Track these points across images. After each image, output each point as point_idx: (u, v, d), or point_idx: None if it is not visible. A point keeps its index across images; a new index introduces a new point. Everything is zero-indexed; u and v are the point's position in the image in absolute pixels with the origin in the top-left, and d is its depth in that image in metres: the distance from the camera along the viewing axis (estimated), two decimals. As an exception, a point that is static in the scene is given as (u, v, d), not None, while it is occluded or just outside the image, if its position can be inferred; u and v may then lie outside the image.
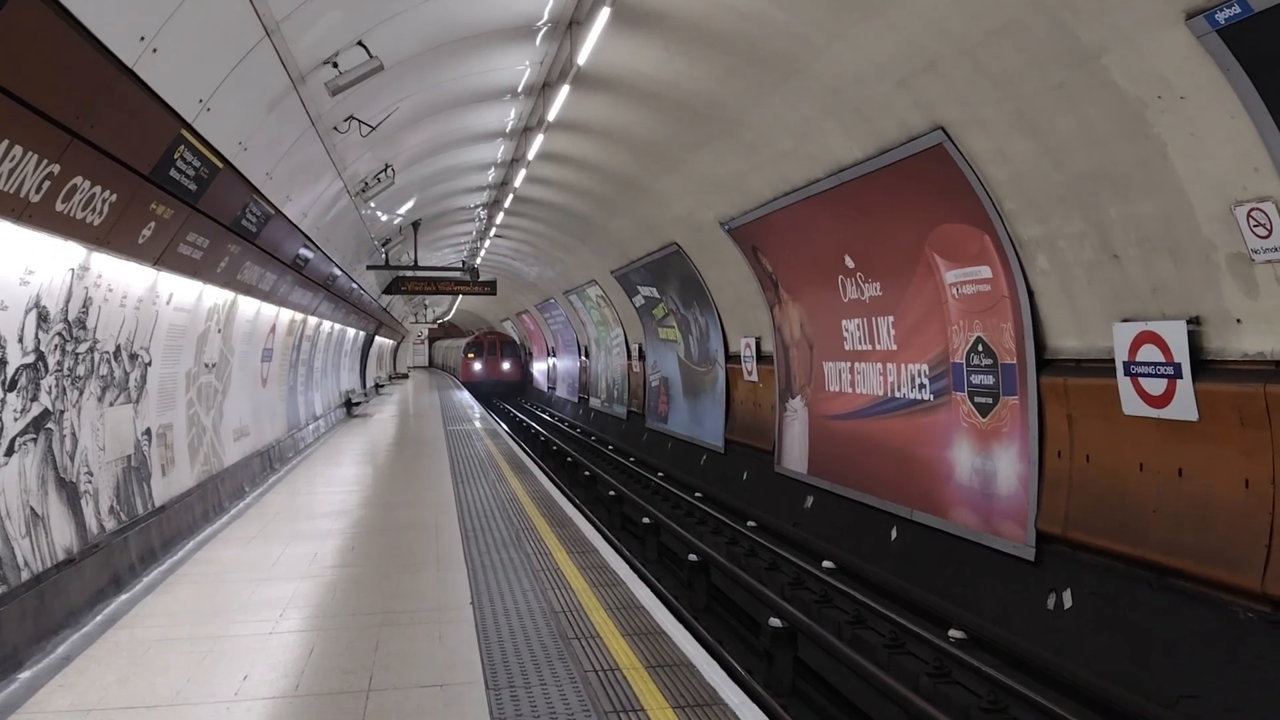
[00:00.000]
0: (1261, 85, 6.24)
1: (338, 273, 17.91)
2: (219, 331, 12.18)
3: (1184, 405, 7.75)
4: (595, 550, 9.61)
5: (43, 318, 6.92)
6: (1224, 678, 7.28)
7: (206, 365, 11.82)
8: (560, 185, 20.75)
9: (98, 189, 6.46)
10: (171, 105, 6.81)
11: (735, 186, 14.94)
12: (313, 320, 20.43)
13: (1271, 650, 6.93)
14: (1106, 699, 7.95)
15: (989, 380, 10.32)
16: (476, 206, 24.64)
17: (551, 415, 43.43)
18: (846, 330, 13.65)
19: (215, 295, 11.52)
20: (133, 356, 9.04)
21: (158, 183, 7.33)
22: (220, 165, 8.39)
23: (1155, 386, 8.00)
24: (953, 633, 9.85)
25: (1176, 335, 7.75)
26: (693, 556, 13.38)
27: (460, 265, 29.12)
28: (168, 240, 8.38)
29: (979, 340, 10.42)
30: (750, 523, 16.05)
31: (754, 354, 17.80)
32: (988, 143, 9.23)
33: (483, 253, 34.29)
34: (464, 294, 28.07)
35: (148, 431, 9.63)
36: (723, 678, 6.00)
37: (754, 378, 17.91)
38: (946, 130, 9.63)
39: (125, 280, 8.39)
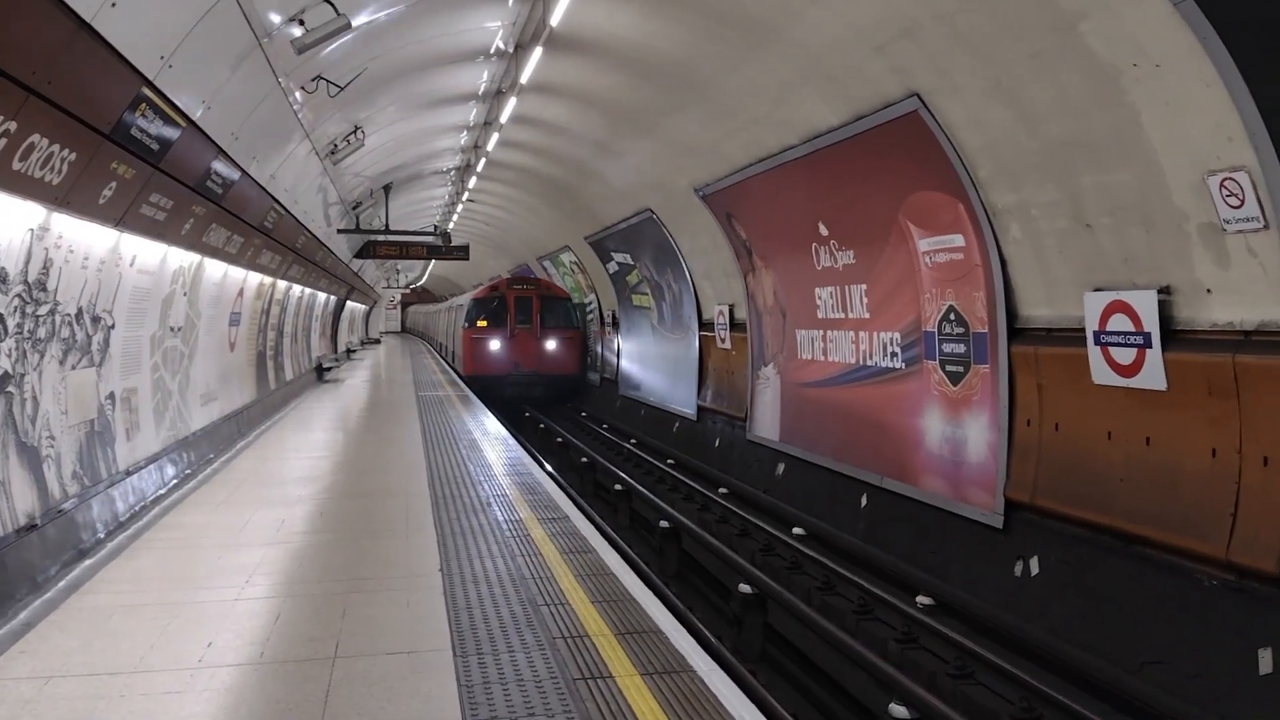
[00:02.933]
0: (1237, 54, 6.21)
1: (307, 236, 17.68)
2: (185, 295, 12.00)
3: (1153, 375, 7.78)
4: (566, 517, 9.59)
5: (1, 279, 6.76)
6: (1188, 644, 7.36)
7: (172, 329, 11.65)
8: (534, 149, 20.55)
9: (56, 147, 6.30)
10: (132, 62, 6.64)
11: (710, 152, 14.84)
12: (282, 284, 20.20)
13: (1235, 617, 7.01)
14: (1072, 665, 8.03)
15: (960, 349, 10.33)
16: (449, 170, 24.39)
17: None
18: (819, 298, 13.63)
19: (180, 257, 11.33)
20: (95, 319, 8.88)
21: (119, 141, 7.16)
22: (184, 124, 8.21)
23: (1125, 356, 8.03)
24: (921, 599, 9.92)
25: (1147, 305, 7.77)
26: (664, 523, 13.40)
27: (433, 230, 28.85)
28: (129, 201, 8.21)
29: (951, 309, 10.42)
30: (722, 490, 16.09)
31: (727, 321, 17.76)
32: (963, 110, 9.18)
33: (455, 217, 34.03)
34: (437, 259, 27.85)
35: (111, 395, 9.49)
36: (691, 644, 5.99)
37: (727, 345, 17.89)
38: (922, 97, 9.56)
39: (87, 241, 8.21)
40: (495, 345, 29.52)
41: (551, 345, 29.74)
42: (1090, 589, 8.40)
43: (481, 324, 29.75)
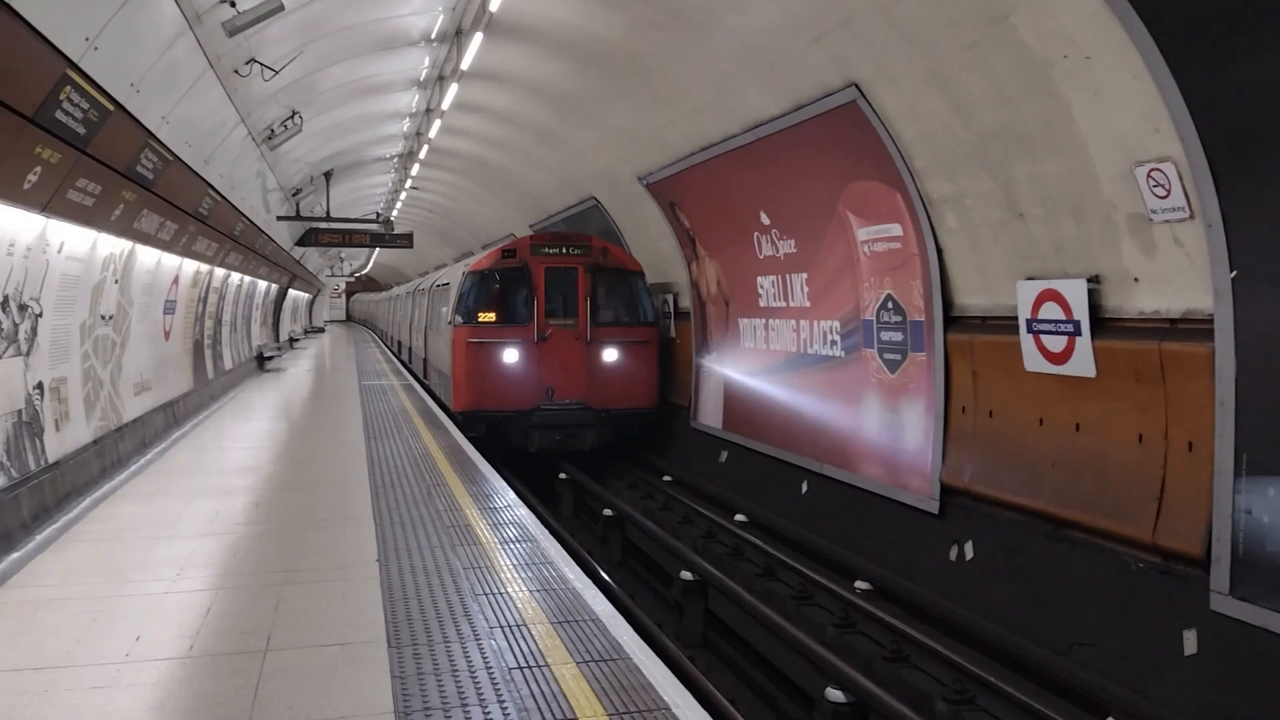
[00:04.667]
0: (1164, 46, 6.32)
1: (245, 223, 17.39)
2: (116, 282, 11.74)
3: (1082, 362, 7.92)
4: (509, 506, 9.55)
5: (-82, 266, 6.55)
6: (1116, 626, 7.52)
7: (103, 317, 11.40)
8: (478, 137, 20.38)
9: (-26, 130, 6.12)
10: (55, 43, 6.47)
11: (653, 141, 14.82)
12: (220, 271, 19.86)
13: (1161, 599, 7.17)
14: (1004, 647, 8.17)
15: (898, 337, 10.44)
16: (392, 157, 24.11)
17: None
18: (762, 287, 13.69)
19: (111, 244, 11.09)
20: (22, 307, 8.66)
21: (43, 125, 6.98)
22: (111, 108, 8.02)
23: (1056, 344, 8.16)
24: (859, 584, 10.03)
25: (1077, 293, 7.90)
26: (608, 511, 13.41)
27: (376, 217, 28.50)
28: (56, 186, 8.01)
29: (889, 297, 10.52)
30: (667, 477, 16.13)
31: (672, 310, 17.79)
32: (900, 100, 9.25)
33: (399, 205, 33.66)
34: (380, 247, 27.54)
35: (39, 385, 9.27)
36: (629, 632, 6.01)
37: (671, 334, 17.92)
38: (860, 87, 9.63)
39: (12, 227, 8.00)
40: (512, 358, 16.14)
41: (612, 357, 16.51)
42: (1022, 572, 8.55)
43: (486, 318, 16.40)
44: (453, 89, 15.22)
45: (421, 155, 22.49)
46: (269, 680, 5.23)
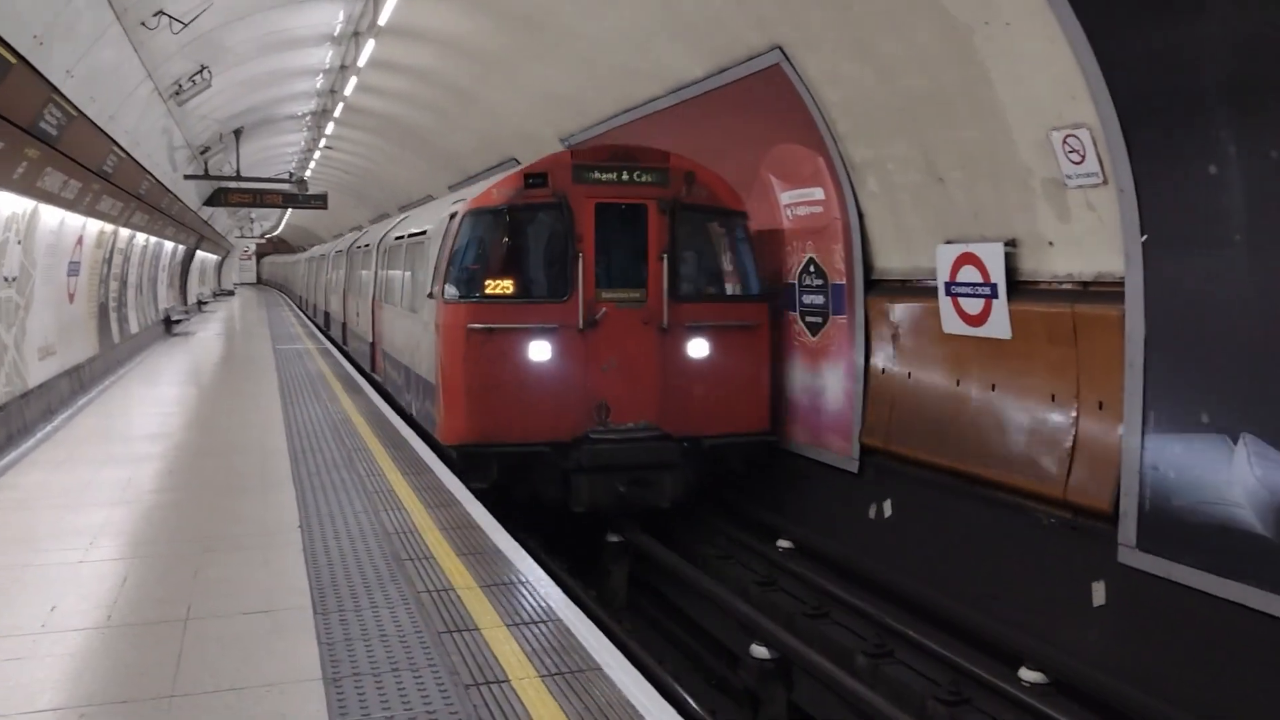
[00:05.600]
0: (1081, 13, 6.44)
1: (151, 181, 16.81)
2: (19, 243, 11.28)
3: (999, 324, 8.10)
4: (430, 470, 9.47)
5: None
6: (1029, 580, 7.77)
7: (6, 279, 10.95)
8: (396, 96, 19.97)
9: None
10: (-51, -10, 6.14)
11: (576, 102, 14.68)
12: (125, 232, 19.20)
13: (1072, 553, 7.43)
14: (923, 602, 8.39)
15: (819, 300, 10.55)
16: (305, 115, 23.51)
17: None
18: (684, 249, 13.56)
19: (14, 203, 10.64)
20: (-84, 269, 8.26)
21: (-64, 77, 6.63)
22: (13, 60, 7.66)
23: (973, 306, 8.34)
24: (781, 543, 10.19)
25: (994, 257, 8.07)
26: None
27: (288, 177, 27.78)
28: (-48, 141, 7.63)
29: (811, 261, 10.62)
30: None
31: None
32: (823, 64, 9.29)
33: (313, 164, 32.88)
34: (293, 208, 26.88)
35: (-63, 350, 8.87)
36: (558, 594, 6.02)
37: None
38: (784, 50, 9.64)
39: (-97, 184, 7.62)
40: (542, 356, 10.06)
41: (702, 351, 10.53)
42: (939, 529, 8.77)
43: (498, 289, 10.22)
44: (369, 45, 14.87)
45: (337, 113, 21.99)
46: (191, 649, 5.13)
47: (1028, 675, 6.87)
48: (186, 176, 21.31)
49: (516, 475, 9.93)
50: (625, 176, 10.13)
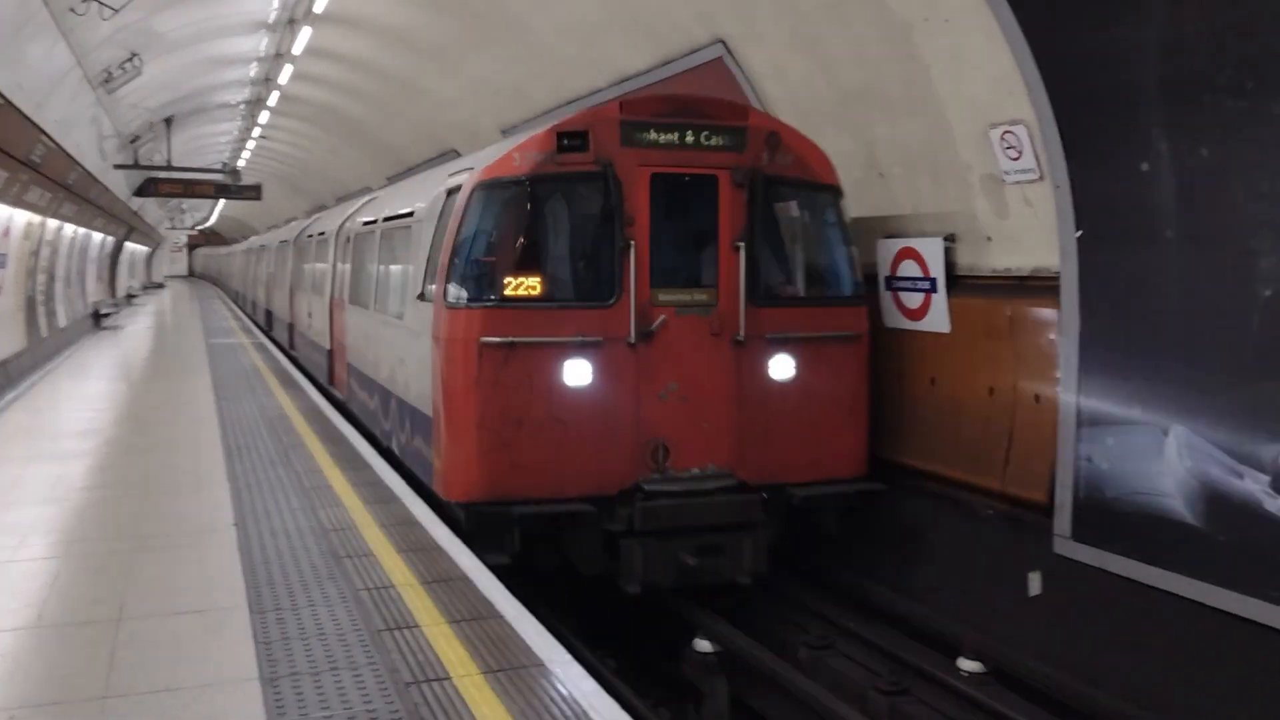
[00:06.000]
0: (1019, 10, 6.52)
1: (80, 171, 16.38)
2: (-62, 233, 10.91)
3: (938, 318, 8.20)
4: (369, 466, 9.34)
5: None
6: (966, 570, 7.87)
7: (-76, 270, 10.60)
8: (332, 85, 19.67)
9: None
10: None
11: (518, 92, 14.57)
12: (53, 223, 18.70)
13: (1009, 544, 7.54)
14: (864, 596, 8.45)
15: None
16: (238, 104, 23.08)
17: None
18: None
19: (-69, 192, 10.29)
20: None
21: None
22: (-69, 43, 7.40)
23: (913, 300, 8.42)
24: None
25: (934, 252, 8.16)
26: None
27: (221, 167, 27.26)
28: None
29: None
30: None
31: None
32: (766, 58, 9.32)
33: (247, 154, 32.29)
34: (226, 198, 26.38)
35: None
36: (500, 590, 5.96)
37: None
38: (727, 44, 9.65)
39: None
40: (581, 379, 7.52)
41: (787, 371, 7.99)
42: (882, 524, 8.84)
43: (522, 288, 7.56)
44: (305, 32, 14.62)
45: (271, 102, 21.62)
46: (124, 649, 4.99)
47: (966, 665, 6.95)
48: (116, 166, 20.82)
49: (541, 541, 7.51)
50: (691, 138, 7.64)
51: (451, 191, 8.25)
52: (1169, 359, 6.20)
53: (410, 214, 9.66)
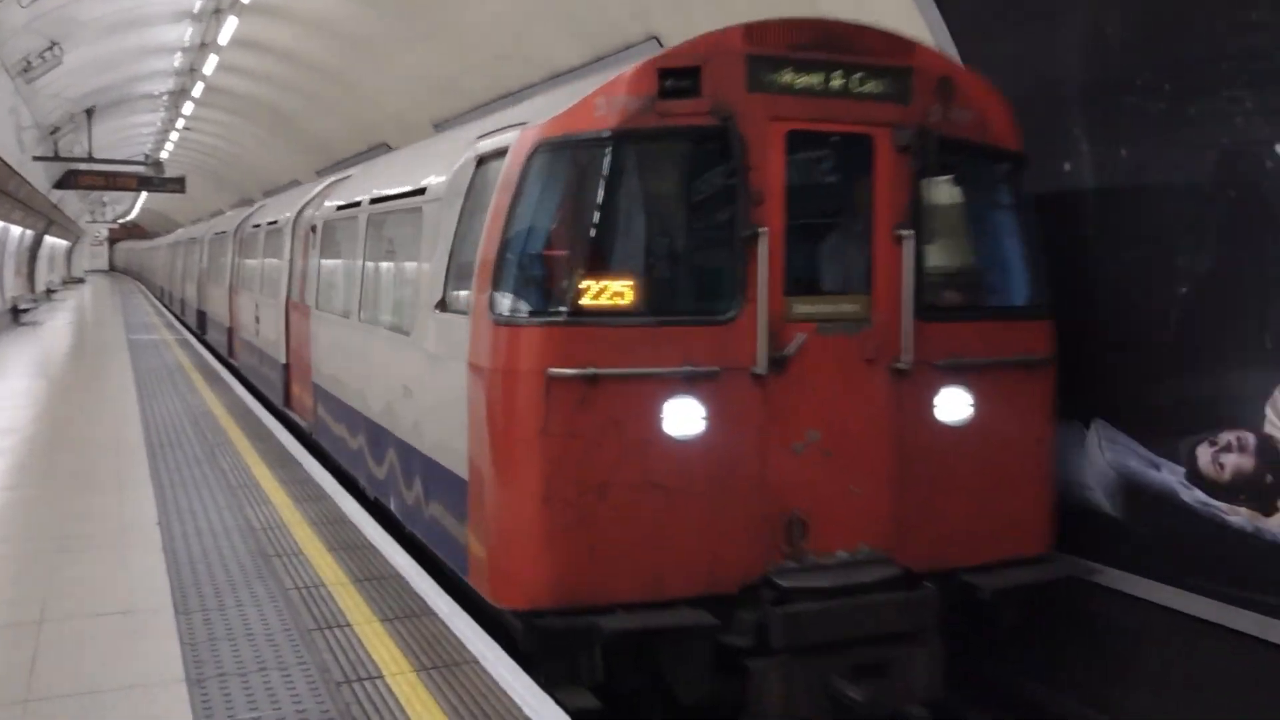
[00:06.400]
0: (948, 15, 6.66)
1: (-5, 162, 15.92)
2: None
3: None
4: (298, 463, 9.21)
5: None
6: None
7: None
8: (260, 77, 19.34)
9: None
10: None
11: (451, 87, 14.47)
12: (-34, 215, 18.13)
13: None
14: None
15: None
16: (161, 94, 22.59)
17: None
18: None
19: None
20: None
21: None
22: None
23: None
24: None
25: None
26: None
27: (144, 159, 26.63)
28: None
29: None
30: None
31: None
32: (699, 56, 9.35)
33: (170, 146, 31.61)
34: (149, 191, 25.79)
35: None
36: (433, 588, 5.93)
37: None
38: (660, 41, 9.68)
39: None
40: (690, 424, 5.19)
41: (962, 411, 5.73)
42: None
43: (607, 294, 5.18)
44: (232, 22, 14.36)
45: (196, 93, 21.20)
46: (47, 652, 4.87)
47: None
48: (36, 158, 20.26)
49: (639, 663, 5.26)
50: (839, 81, 5.46)
51: (487, 158, 6.00)
52: (1090, 354, 6.36)
53: (418, 192, 7.15)
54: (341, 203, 9.86)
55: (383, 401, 7.52)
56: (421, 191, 7.08)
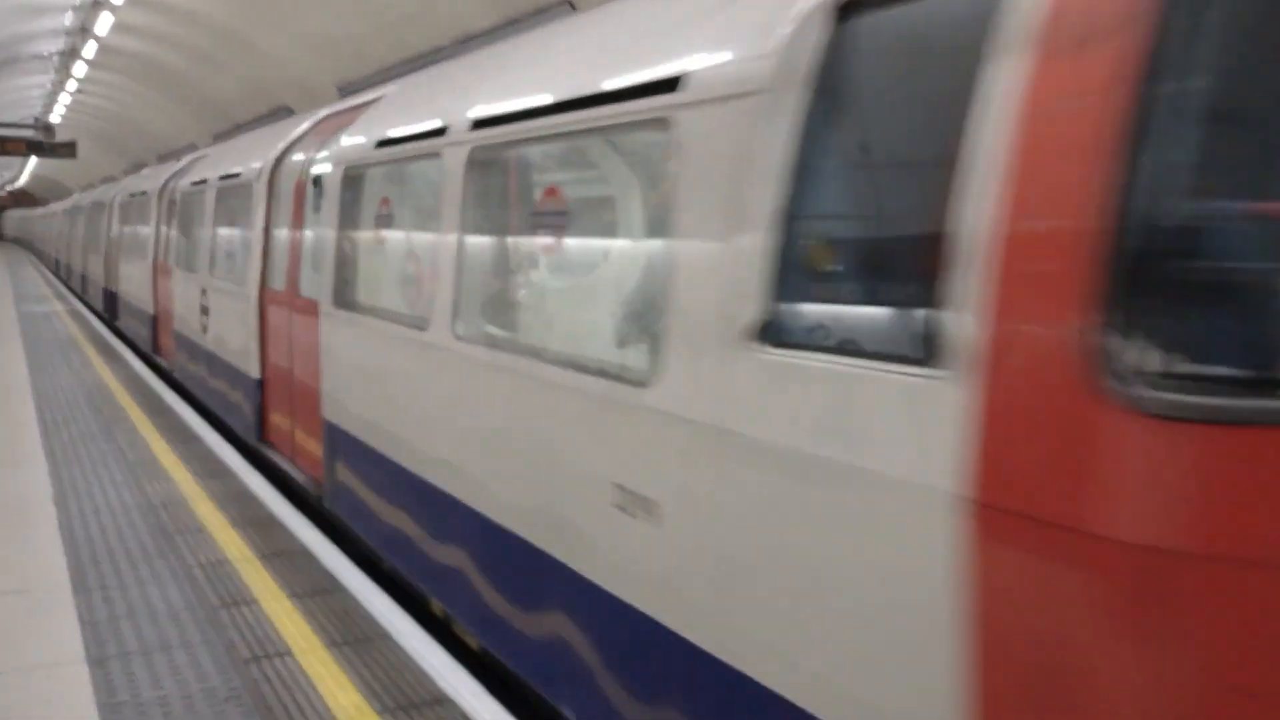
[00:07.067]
0: None
1: None
2: None
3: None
4: (199, 439, 8.96)
5: None
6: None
7: None
8: (156, 37, 18.65)
9: None
10: None
11: (356, 50, 14.12)
12: None
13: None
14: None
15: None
16: (50, 55, 21.62)
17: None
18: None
19: None
20: None
21: None
22: None
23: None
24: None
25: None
26: None
27: (33, 123, 25.50)
28: None
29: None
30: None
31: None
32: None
33: (61, 109, 30.32)
34: (39, 156, 24.73)
35: None
36: (344, 563, 5.83)
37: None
38: (573, 4, 9.57)
39: None
40: None
41: None
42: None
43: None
44: (124, -19, 13.78)
45: (88, 54, 20.35)
46: (-70, 638, 4.67)
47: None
48: (-90, 118, 19.25)
49: None
50: None
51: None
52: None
53: (662, 86, 3.28)
54: (396, 133, 5.70)
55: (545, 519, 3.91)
56: (671, 85, 3.20)
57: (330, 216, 6.68)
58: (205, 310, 10.63)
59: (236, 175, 9.71)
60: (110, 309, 19.05)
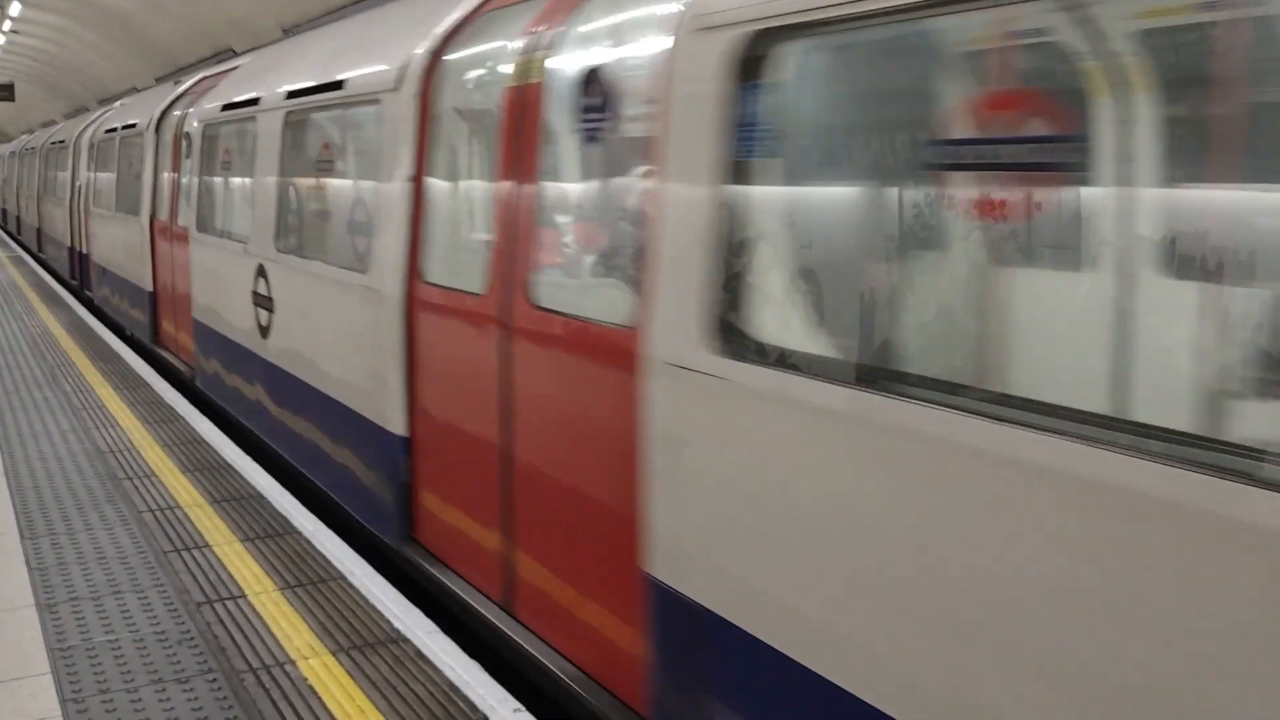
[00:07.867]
0: None
1: None
2: None
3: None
4: (147, 385, 8.85)
5: None
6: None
7: None
8: (90, -25, 18.07)
9: None
10: None
11: (300, -9, 13.80)
12: None
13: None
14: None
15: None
16: (-18, -8, 20.90)
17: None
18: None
19: None
20: None
21: None
22: None
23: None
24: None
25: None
26: None
27: (-36, 63, 24.65)
28: None
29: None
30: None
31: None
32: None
33: (-6, 50, 29.37)
34: (-29, 98, 23.96)
35: None
36: (296, 506, 5.82)
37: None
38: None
39: None
40: None
41: None
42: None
43: None
44: (58, -85, 13.30)
45: (21, -8, 19.69)
46: (-126, 584, 4.61)
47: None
48: None
49: None
50: None
51: None
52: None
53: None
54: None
55: None
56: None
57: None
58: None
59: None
60: (78, 274, 18.43)
